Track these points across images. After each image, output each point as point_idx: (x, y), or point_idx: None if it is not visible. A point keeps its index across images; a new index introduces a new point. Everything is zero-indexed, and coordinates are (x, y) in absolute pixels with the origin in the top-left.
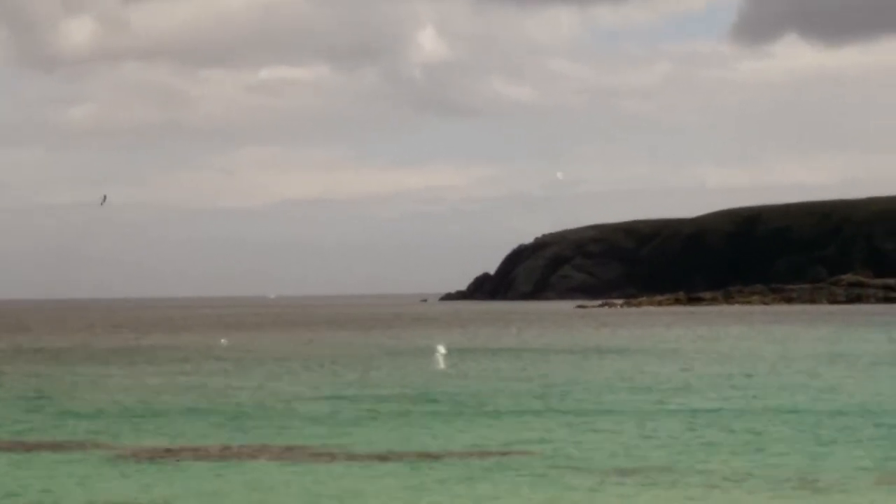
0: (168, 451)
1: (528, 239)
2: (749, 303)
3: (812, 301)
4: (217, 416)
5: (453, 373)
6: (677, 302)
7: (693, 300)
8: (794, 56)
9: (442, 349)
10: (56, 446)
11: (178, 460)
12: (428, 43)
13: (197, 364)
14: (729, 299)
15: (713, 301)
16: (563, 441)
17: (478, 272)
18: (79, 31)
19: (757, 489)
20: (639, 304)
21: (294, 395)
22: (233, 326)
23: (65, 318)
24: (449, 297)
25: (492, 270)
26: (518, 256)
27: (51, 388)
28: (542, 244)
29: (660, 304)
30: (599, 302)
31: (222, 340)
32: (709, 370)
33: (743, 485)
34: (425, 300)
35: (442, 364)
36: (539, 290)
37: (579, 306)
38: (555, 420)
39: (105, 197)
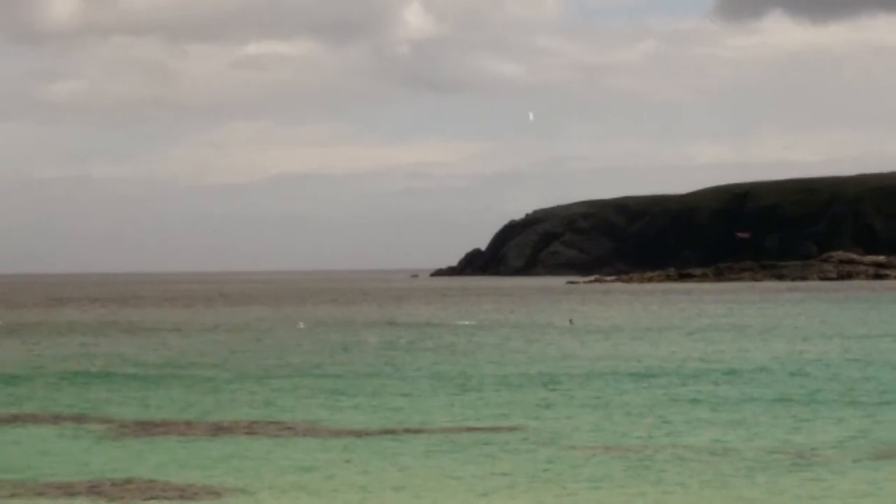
0: (152, 423)
1: (519, 215)
2: (740, 279)
3: (803, 278)
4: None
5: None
6: (668, 278)
7: (684, 276)
8: (781, 33)
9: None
10: (43, 418)
11: (171, 432)
12: (414, 18)
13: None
14: (719, 276)
15: (703, 278)
16: (548, 418)
17: (468, 248)
18: (66, 5)
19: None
20: (629, 280)
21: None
22: (216, 300)
23: (46, 293)
24: (440, 272)
25: (483, 246)
26: (509, 232)
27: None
28: (532, 220)
29: (650, 280)
30: (590, 278)
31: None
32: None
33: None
34: (416, 276)
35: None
36: (530, 265)
37: (570, 282)
38: (540, 396)
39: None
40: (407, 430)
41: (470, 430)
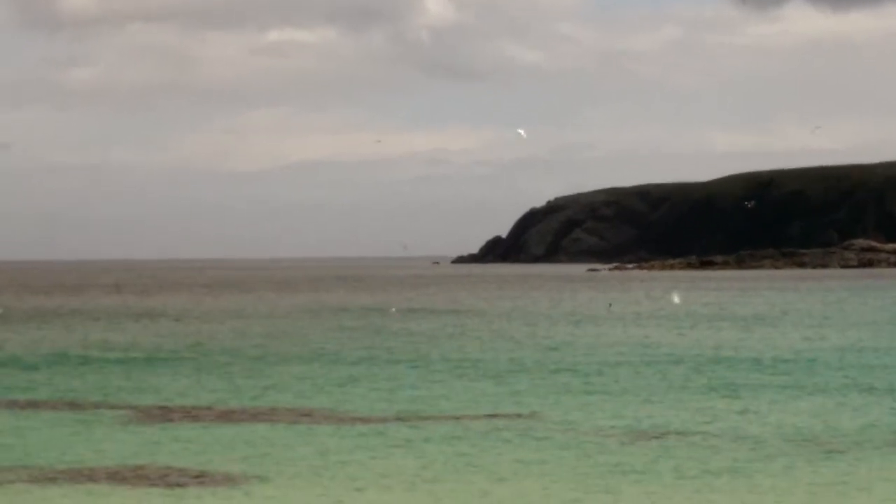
0: (169, 408)
1: (541, 202)
2: (761, 267)
3: (824, 265)
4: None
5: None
6: (689, 266)
7: (705, 264)
8: (802, 20)
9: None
10: (62, 405)
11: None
12: (434, 6)
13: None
14: (741, 264)
15: (725, 265)
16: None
17: (489, 235)
18: None
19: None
20: (650, 268)
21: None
22: (232, 286)
23: (61, 279)
24: (461, 259)
25: (504, 233)
26: (530, 219)
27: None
28: (554, 207)
29: (672, 267)
30: (611, 265)
31: (393, 309)
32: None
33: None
34: (437, 263)
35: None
36: (551, 253)
37: (591, 269)
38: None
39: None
40: (423, 417)
41: (487, 416)
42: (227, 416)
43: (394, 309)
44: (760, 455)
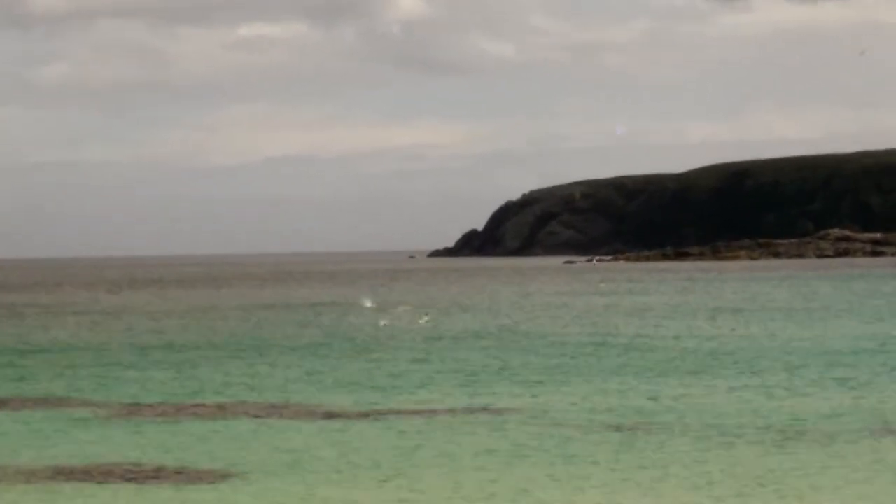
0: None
1: (516, 195)
2: (737, 257)
3: (799, 255)
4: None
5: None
6: (665, 257)
7: (680, 255)
8: (773, 10)
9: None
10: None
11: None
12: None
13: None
14: (717, 254)
15: (701, 256)
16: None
17: (465, 229)
18: None
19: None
20: (627, 260)
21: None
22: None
23: (36, 277)
24: (437, 253)
25: (479, 227)
26: (506, 213)
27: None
28: (529, 200)
29: (647, 259)
30: (587, 258)
31: (367, 303)
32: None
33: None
34: (413, 256)
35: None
36: (527, 246)
37: (567, 262)
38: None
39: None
40: (393, 410)
41: (455, 408)
42: (198, 412)
43: (368, 303)
44: (716, 443)
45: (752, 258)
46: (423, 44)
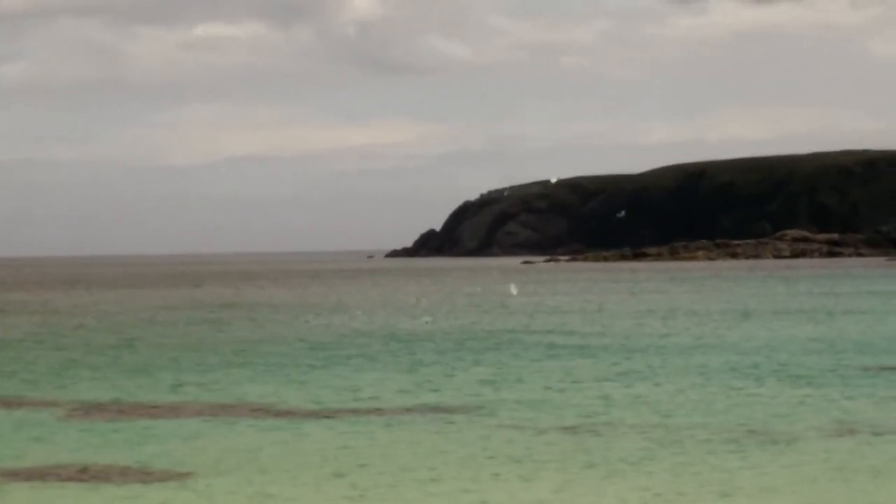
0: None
1: (474, 195)
2: (694, 258)
3: (756, 256)
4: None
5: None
6: (622, 258)
7: (638, 256)
8: (728, 12)
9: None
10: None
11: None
12: (360, 0)
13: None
14: (674, 255)
15: (658, 256)
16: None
17: (423, 229)
18: None
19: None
20: (584, 260)
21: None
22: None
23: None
24: (395, 253)
25: (437, 227)
26: (463, 213)
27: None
28: (487, 200)
29: (605, 259)
30: (545, 258)
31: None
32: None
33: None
34: (371, 256)
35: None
36: (485, 246)
37: (525, 262)
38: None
39: None
40: (346, 409)
41: (402, 408)
42: (150, 411)
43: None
44: (664, 442)
45: (710, 258)
46: (381, 44)
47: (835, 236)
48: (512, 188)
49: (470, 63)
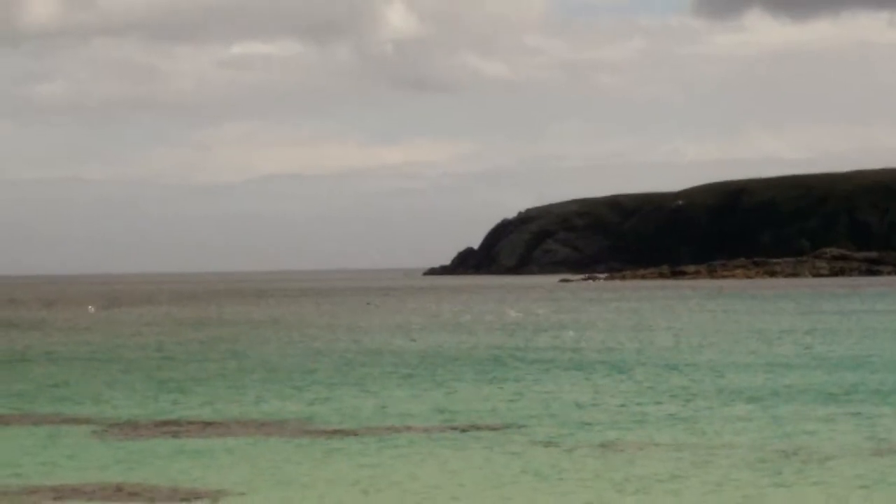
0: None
1: (512, 213)
2: (733, 276)
3: (795, 274)
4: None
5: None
6: (661, 276)
7: (676, 274)
8: (764, 30)
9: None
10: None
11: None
12: (397, 18)
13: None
14: (713, 273)
15: (697, 275)
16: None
17: (461, 247)
18: (45, 6)
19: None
20: (623, 278)
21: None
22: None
23: (33, 294)
24: (433, 271)
25: (475, 245)
26: (502, 231)
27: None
28: (525, 218)
29: (643, 277)
30: (583, 276)
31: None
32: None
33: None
34: (408, 274)
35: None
36: (523, 264)
37: (563, 280)
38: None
39: None
40: (368, 428)
41: (437, 427)
42: (182, 429)
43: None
44: (696, 461)
45: (749, 277)
46: (416, 63)
47: (874, 254)
48: (552, 205)
49: (505, 81)
